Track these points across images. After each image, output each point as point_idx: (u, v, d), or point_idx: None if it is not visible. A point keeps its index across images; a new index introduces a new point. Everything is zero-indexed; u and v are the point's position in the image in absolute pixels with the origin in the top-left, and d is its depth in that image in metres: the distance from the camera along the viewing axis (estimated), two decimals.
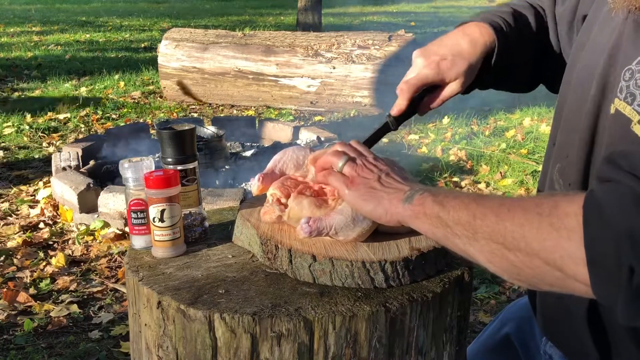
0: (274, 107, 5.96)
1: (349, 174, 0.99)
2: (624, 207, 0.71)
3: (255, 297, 0.94)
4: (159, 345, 0.98)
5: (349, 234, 1.00)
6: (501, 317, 1.39)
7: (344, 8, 15.40)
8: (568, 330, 1.10)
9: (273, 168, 1.17)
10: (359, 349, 0.91)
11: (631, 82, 0.93)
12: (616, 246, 0.70)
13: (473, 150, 4.62)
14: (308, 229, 0.99)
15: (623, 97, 0.94)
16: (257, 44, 6.03)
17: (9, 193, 3.92)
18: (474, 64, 1.20)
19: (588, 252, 0.72)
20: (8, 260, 3.05)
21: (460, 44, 1.20)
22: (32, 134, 5.12)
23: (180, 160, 1.13)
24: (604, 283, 0.72)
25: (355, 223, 1.00)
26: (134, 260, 1.08)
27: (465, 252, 0.86)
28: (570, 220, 0.74)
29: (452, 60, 1.18)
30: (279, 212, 1.07)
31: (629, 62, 0.95)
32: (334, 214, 1.01)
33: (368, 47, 5.64)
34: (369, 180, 0.97)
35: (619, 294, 0.71)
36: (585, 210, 0.73)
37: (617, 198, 0.72)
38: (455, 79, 1.19)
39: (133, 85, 6.87)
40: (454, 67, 1.18)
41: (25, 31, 11.22)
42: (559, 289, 0.79)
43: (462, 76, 1.19)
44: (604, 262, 0.71)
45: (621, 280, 0.70)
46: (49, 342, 2.42)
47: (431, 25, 11.85)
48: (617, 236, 0.70)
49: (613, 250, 0.70)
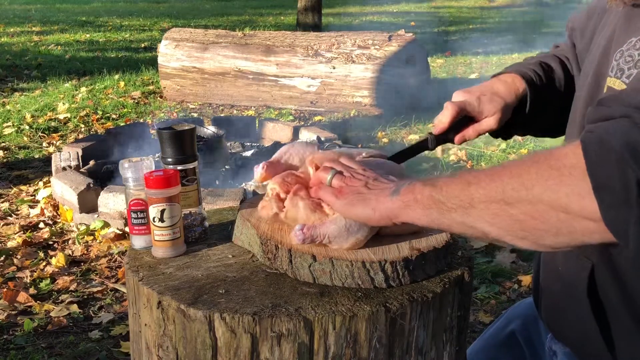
0: (274, 107, 5.95)
1: (337, 185, 1.00)
2: (621, 130, 0.71)
3: (255, 297, 0.94)
4: (159, 345, 0.98)
5: (343, 243, 1.00)
6: (507, 315, 1.40)
7: (344, 8, 15.40)
8: (571, 319, 1.10)
9: (279, 158, 1.17)
10: (359, 349, 0.91)
11: (621, 59, 0.97)
12: (619, 163, 0.69)
13: (473, 150, 4.62)
14: (302, 236, 0.99)
15: (614, 74, 0.98)
16: (257, 44, 6.03)
17: (9, 193, 3.92)
18: (510, 103, 1.26)
19: (592, 179, 0.70)
20: (8, 260, 3.05)
21: (497, 86, 1.28)
22: (32, 134, 5.12)
23: (180, 160, 1.13)
24: (614, 206, 0.70)
25: (349, 233, 1.00)
26: (134, 260, 1.08)
27: (464, 225, 0.84)
28: (568, 158, 0.73)
29: (491, 97, 1.25)
30: (277, 210, 1.07)
31: (619, 46, 1.00)
32: (329, 223, 1.01)
33: (368, 47, 5.64)
34: (356, 187, 0.98)
35: (630, 213, 0.69)
36: (583, 144, 0.73)
37: (613, 124, 0.73)
38: (492, 114, 1.25)
39: (133, 85, 6.87)
40: (492, 103, 1.25)
41: (25, 31, 11.22)
42: (565, 238, 0.77)
43: (499, 112, 1.25)
44: (610, 184, 0.70)
45: (631, 196, 0.68)
46: (49, 342, 2.42)
47: (431, 25, 11.85)
48: (618, 154, 0.69)
49: (617, 169, 0.69)
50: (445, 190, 0.85)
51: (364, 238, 1.02)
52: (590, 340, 1.06)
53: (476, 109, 1.25)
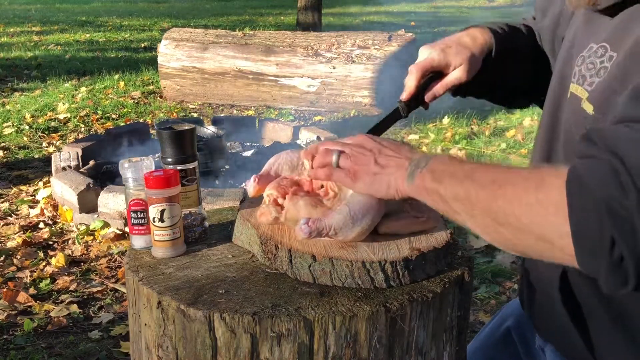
0: (274, 107, 5.95)
1: (346, 166, 1.02)
2: (602, 179, 0.76)
3: (255, 297, 0.94)
4: (159, 345, 0.98)
5: (348, 233, 1.01)
6: (501, 313, 1.41)
7: (344, 8, 15.40)
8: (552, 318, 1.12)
9: (268, 170, 1.17)
10: (359, 349, 0.91)
11: (582, 66, 1.01)
12: (598, 218, 0.74)
13: (473, 150, 4.62)
14: (307, 229, 0.99)
15: (576, 81, 1.02)
16: (257, 44, 6.03)
17: (9, 193, 3.92)
18: (476, 55, 1.25)
19: (572, 225, 0.76)
20: (8, 260, 3.05)
21: (463, 38, 1.27)
22: (32, 134, 5.12)
23: (180, 160, 1.13)
24: (588, 254, 0.77)
25: (354, 222, 1.00)
26: (134, 260, 1.08)
27: (465, 226, 0.92)
28: (555, 194, 0.79)
29: (457, 49, 1.24)
30: (276, 214, 1.07)
31: (581, 50, 1.03)
32: (334, 213, 1.01)
33: (368, 47, 5.64)
34: (368, 167, 1.00)
35: (601, 264, 0.76)
36: (568, 184, 0.78)
37: (595, 171, 0.77)
38: (459, 65, 1.24)
39: (133, 85, 6.87)
40: (459, 54, 1.24)
41: (25, 31, 11.22)
42: (548, 259, 0.85)
43: (466, 63, 1.24)
44: (587, 233, 0.76)
45: (603, 250, 0.74)
46: (48, 342, 2.42)
47: (431, 25, 11.85)
48: (597, 208, 0.74)
49: (595, 222, 0.75)
50: (449, 191, 0.90)
51: (368, 227, 1.02)
52: (572, 339, 1.08)
53: (442, 61, 1.23)
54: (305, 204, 1.04)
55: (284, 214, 1.06)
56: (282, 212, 1.07)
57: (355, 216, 1.00)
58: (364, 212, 1.01)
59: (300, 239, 1.00)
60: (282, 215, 1.06)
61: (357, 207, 1.01)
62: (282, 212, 1.07)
